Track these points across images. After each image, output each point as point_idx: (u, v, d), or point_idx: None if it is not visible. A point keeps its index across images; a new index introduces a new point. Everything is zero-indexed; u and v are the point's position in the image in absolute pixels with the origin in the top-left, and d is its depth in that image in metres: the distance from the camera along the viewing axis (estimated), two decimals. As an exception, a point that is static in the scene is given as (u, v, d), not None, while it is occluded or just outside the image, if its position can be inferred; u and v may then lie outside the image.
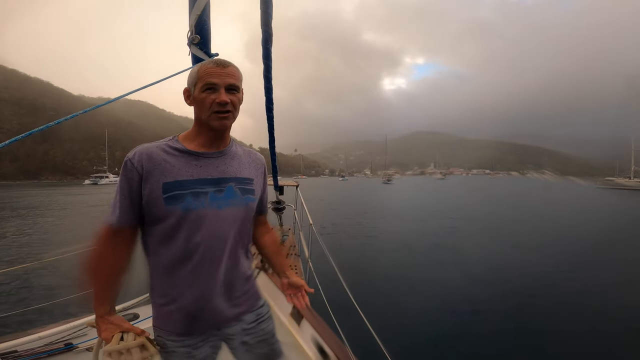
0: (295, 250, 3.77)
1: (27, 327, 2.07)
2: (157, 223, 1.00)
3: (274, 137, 2.68)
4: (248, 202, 1.10)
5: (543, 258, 8.02)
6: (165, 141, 1.05)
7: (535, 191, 41.17)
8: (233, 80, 1.00)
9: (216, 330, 1.12)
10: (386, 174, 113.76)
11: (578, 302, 5.27)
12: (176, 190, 0.97)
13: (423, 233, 11.74)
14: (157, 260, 1.03)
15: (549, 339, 4.06)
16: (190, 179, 0.99)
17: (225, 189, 1.04)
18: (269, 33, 2.00)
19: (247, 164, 1.15)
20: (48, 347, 1.90)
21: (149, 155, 0.98)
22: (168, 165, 0.99)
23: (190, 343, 1.06)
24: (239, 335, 1.15)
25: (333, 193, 37.63)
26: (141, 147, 1.01)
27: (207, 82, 0.98)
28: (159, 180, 0.97)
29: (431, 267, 7.47)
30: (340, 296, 1.98)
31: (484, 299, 5.43)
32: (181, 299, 1.02)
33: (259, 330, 1.19)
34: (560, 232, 12.01)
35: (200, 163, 1.03)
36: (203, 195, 1.00)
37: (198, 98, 1.00)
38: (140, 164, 0.97)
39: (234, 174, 1.08)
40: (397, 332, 4.19)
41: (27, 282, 6.03)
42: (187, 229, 0.98)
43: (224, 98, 0.98)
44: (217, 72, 0.98)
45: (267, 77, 2.23)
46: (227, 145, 1.11)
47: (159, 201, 0.96)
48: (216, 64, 1.00)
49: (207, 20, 1.68)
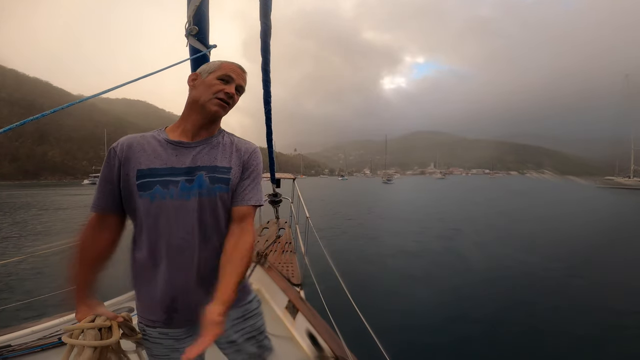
0: (291, 246, 3.79)
1: (21, 321, 2.07)
2: (132, 212, 1.02)
3: (272, 130, 2.69)
4: (217, 191, 1.04)
5: (554, 260, 8.02)
6: (152, 132, 1.09)
7: (538, 191, 41.07)
8: (244, 84, 1.14)
9: (197, 323, 0.97)
10: (386, 173, 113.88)
11: (600, 306, 5.10)
12: (148, 177, 0.99)
13: (422, 233, 11.75)
14: (132, 250, 1.05)
15: (562, 343, 4.04)
16: (163, 167, 1.00)
17: (195, 178, 1.02)
18: (268, 25, 2.00)
19: (229, 153, 1.11)
20: (42, 341, 1.91)
21: (130, 144, 1.03)
22: (144, 154, 1.01)
23: (174, 335, 1.06)
24: (226, 332, 1.11)
25: (333, 193, 37.59)
26: (125, 137, 1.05)
27: (228, 74, 1.08)
28: (134, 167, 0.99)
29: (429, 266, 7.47)
30: (336, 291, 1.98)
31: (492, 301, 5.44)
32: (156, 291, 1.02)
33: (247, 326, 1.16)
34: (574, 232, 11.92)
35: (177, 152, 1.04)
36: (173, 185, 0.99)
37: (209, 82, 1.07)
38: (122, 151, 1.01)
39: (208, 162, 1.05)
40: (391, 327, 4.21)
41: (19, 275, 6.01)
42: (155, 219, 0.99)
43: (232, 90, 1.08)
44: (237, 72, 1.11)
45: (266, 70, 2.23)
46: (211, 135, 1.12)
47: (133, 188, 0.99)
48: (239, 66, 1.13)
49: (206, 11, 1.68)
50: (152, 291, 1.03)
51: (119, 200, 1.03)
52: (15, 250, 8.37)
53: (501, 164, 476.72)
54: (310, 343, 1.93)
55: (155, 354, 1.08)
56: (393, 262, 7.66)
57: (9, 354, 1.77)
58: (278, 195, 4.30)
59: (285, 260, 3.36)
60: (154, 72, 1.34)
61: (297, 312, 2.21)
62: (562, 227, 12.98)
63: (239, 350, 1.15)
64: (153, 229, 1.00)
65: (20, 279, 5.84)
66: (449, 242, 9.85)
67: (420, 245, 9.41)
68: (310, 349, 1.90)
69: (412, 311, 4.86)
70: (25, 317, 3.58)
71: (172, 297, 1.02)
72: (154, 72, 1.33)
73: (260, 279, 2.84)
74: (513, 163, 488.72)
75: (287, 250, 3.69)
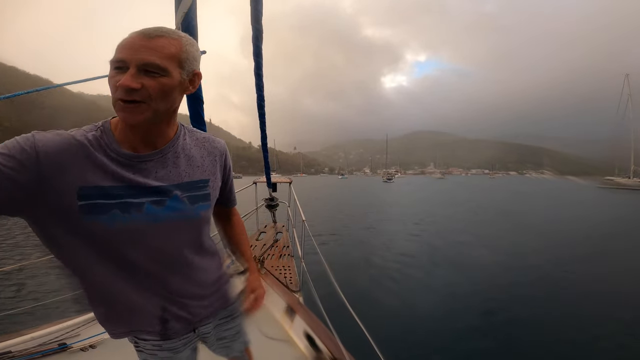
0: (289, 250, 3.78)
1: (21, 327, 2.07)
2: (74, 235, 0.73)
3: (266, 133, 2.69)
4: (200, 211, 0.88)
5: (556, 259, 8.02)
6: (92, 130, 0.77)
7: (538, 192, 41.03)
8: (153, 58, 0.68)
9: (192, 332, 1.03)
10: (387, 172, 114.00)
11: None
12: (97, 199, 0.72)
13: (420, 233, 11.75)
14: (89, 276, 0.81)
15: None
16: (119, 185, 0.75)
17: (169, 199, 0.81)
18: (259, 30, 2.01)
19: (200, 159, 0.91)
20: (42, 347, 1.91)
21: (61, 146, 0.70)
22: (88, 165, 0.72)
23: (169, 347, 0.97)
24: (213, 331, 1.10)
25: (332, 193, 37.60)
26: (54, 132, 0.73)
27: (115, 57, 0.69)
28: (73, 181, 0.70)
29: (426, 268, 7.47)
30: (333, 294, 1.99)
31: (491, 301, 5.43)
32: (137, 314, 0.88)
33: (235, 325, 1.16)
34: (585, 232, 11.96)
35: (132, 166, 0.77)
36: (135, 208, 0.76)
37: (109, 76, 0.71)
38: (45, 152, 0.67)
39: (180, 178, 0.84)
40: (389, 330, 4.23)
41: (19, 281, 5.98)
42: (116, 246, 0.77)
43: (125, 81, 0.66)
44: (129, 44, 0.68)
45: (258, 74, 2.23)
46: (168, 140, 0.83)
47: (70, 209, 0.70)
48: (138, 34, 0.70)
49: (194, 18, 1.67)
50: (131, 313, 0.87)
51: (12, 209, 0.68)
52: (22, 256, 8.32)
53: (501, 164, 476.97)
54: (308, 344, 1.94)
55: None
56: (391, 264, 7.66)
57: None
58: (274, 200, 4.28)
59: (284, 264, 3.35)
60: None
61: (295, 314, 2.22)
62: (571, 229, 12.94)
63: (227, 346, 1.16)
64: (114, 256, 0.78)
65: (20, 286, 5.80)
66: (447, 244, 9.85)
67: (417, 247, 9.41)
68: (308, 350, 1.91)
69: (409, 315, 4.87)
70: (25, 323, 3.57)
71: (157, 315, 0.90)
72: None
73: None
74: (513, 163, 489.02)
75: (284, 254, 3.68)
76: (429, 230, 12.09)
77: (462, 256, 8.28)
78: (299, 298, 2.60)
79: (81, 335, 2.04)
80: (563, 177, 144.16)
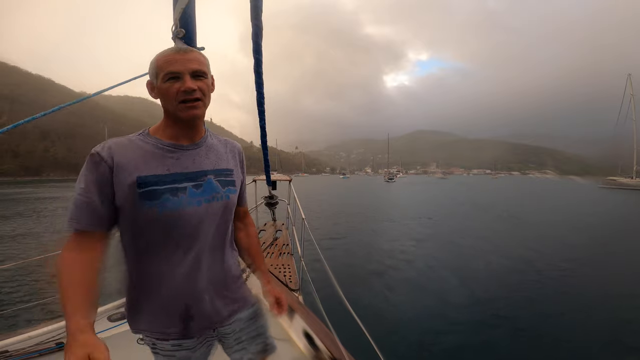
0: (289, 249, 3.76)
1: (18, 327, 2.07)
2: (133, 222, 0.91)
3: (266, 131, 2.65)
4: (229, 194, 1.04)
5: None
6: (136, 135, 0.97)
7: (547, 193, 40.85)
8: (197, 66, 0.91)
9: (212, 331, 1.10)
10: (388, 172, 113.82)
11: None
12: (152, 185, 0.89)
13: (420, 233, 11.72)
14: (136, 262, 0.96)
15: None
16: (166, 173, 0.92)
17: (204, 182, 0.98)
18: (259, 27, 1.97)
19: (225, 154, 1.09)
20: (39, 346, 1.91)
21: (119, 148, 0.90)
22: (141, 159, 0.91)
23: (187, 346, 1.03)
24: (234, 334, 1.13)
25: (334, 193, 37.53)
26: (111, 140, 0.93)
27: (169, 70, 0.89)
28: (132, 174, 0.88)
29: (428, 269, 7.45)
30: (332, 293, 1.97)
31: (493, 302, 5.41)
32: (168, 302, 0.97)
33: (254, 327, 1.17)
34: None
35: (175, 156, 0.95)
36: (182, 191, 0.93)
37: (161, 89, 0.91)
38: (110, 157, 0.88)
39: (212, 165, 1.02)
40: (389, 330, 4.24)
41: (16, 281, 5.97)
42: (166, 229, 0.92)
43: (189, 85, 0.89)
44: (177, 59, 0.89)
45: (258, 72, 2.19)
46: (201, 136, 1.03)
47: (133, 197, 0.88)
48: (176, 50, 0.91)
49: (192, 14, 1.66)
50: (164, 303, 0.97)
51: (107, 213, 0.89)
52: (19, 255, 8.35)
53: (503, 165, 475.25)
54: (307, 343, 1.94)
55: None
56: (391, 264, 7.65)
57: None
58: (274, 198, 4.26)
59: (282, 263, 3.34)
60: (145, 74, 1.38)
61: (294, 314, 2.21)
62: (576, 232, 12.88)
63: (245, 349, 1.15)
64: (163, 239, 0.93)
65: (17, 285, 5.80)
66: (446, 243, 9.83)
67: (418, 248, 9.39)
68: (307, 349, 1.91)
69: (409, 313, 4.86)
70: (22, 322, 3.57)
71: (187, 305, 0.99)
72: (145, 74, 1.38)
73: (257, 283, 2.83)
74: (515, 163, 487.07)
75: (284, 252, 3.66)
76: (431, 231, 12.06)
77: (464, 258, 8.26)
78: (299, 297, 2.59)
79: None
80: (566, 177, 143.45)
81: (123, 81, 1.33)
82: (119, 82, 1.21)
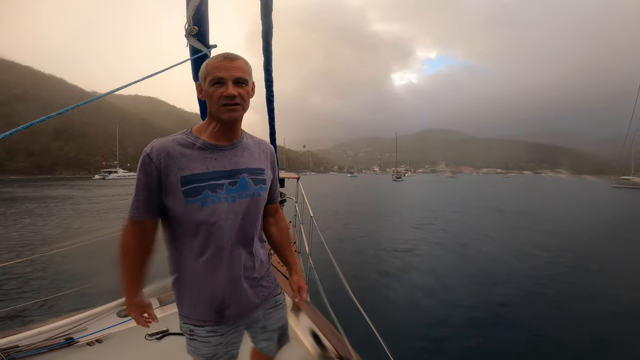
0: (296, 247, 3.76)
1: (28, 322, 2.09)
2: (178, 216, 1.04)
3: (275, 129, 2.67)
4: (260, 191, 1.15)
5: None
6: (180, 134, 1.09)
7: (565, 191, 40.04)
8: (240, 74, 1.03)
9: (245, 317, 1.19)
10: (396, 171, 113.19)
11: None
12: (194, 183, 1.01)
13: (430, 231, 11.64)
14: (180, 252, 1.08)
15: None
16: (206, 171, 1.04)
17: (239, 180, 1.09)
18: (269, 25, 2.00)
19: (258, 154, 1.19)
20: (49, 341, 1.94)
21: (166, 150, 1.02)
22: (184, 159, 1.03)
23: (221, 331, 1.12)
24: (261, 321, 1.24)
25: (343, 192, 37.46)
26: (158, 142, 1.04)
27: (215, 76, 1.01)
28: (177, 173, 1.01)
29: (441, 268, 7.40)
30: (340, 291, 1.97)
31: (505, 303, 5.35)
32: (207, 292, 1.08)
33: (277, 316, 1.28)
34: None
35: (214, 155, 1.07)
36: (219, 188, 1.04)
37: (207, 92, 1.04)
38: (158, 158, 1.00)
39: (246, 164, 1.12)
40: (398, 331, 4.22)
41: (26, 276, 6.03)
42: (206, 222, 1.03)
43: (230, 91, 1.00)
44: (224, 66, 1.01)
45: (268, 69, 2.22)
46: (238, 137, 1.14)
47: (178, 194, 1.01)
48: (224, 57, 1.03)
49: (205, 12, 1.68)
50: (203, 293, 1.08)
51: (156, 206, 1.05)
52: (29, 250, 8.48)
53: (514, 163, 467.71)
54: (314, 342, 1.95)
55: (203, 353, 1.12)
56: (400, 262, 7.61)
57: (16, 355, 1.80)
58: (282, 195, 4.28)
59: None
60: (157, 72, 1.38)
61: (300, 311, 2.21)
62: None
63: (268, 336, 1.27)
64: (203, 233, 1.04)
65: (27, 280, 5.87)
66: (456, 243, 9.74)
67: (429, 246, 9.33)
68: (314, 348, 1.91)
69: (417, 312, 4.82)
70: (33, 317, 3.63)
71: (223, 296, 1.09)
72: (157, 73, 1.38)
73: None
74: (527, 162, 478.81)
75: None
76: (436, 230, 11.97)
77: (479, 257, 8.17)
78: None
79: (88, 329, 2.07)
80: (579, 176, 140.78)
81: (135, 80, 1.35)
82: (130, 82, 1.34)
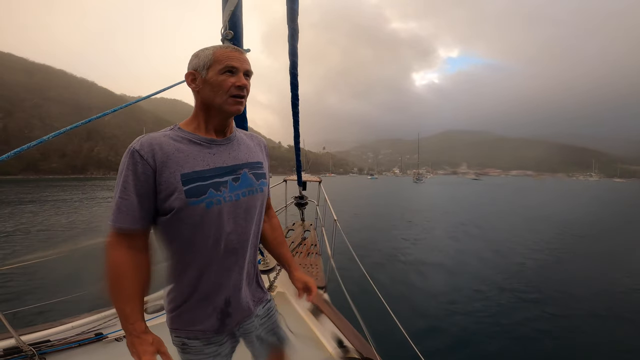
0: (317, 249, 3.78)
1: (60, 317, 2.16)
2: (178, 218, 0.90)
3: (299, 132, 2.69)
4: (263, 187, 1.08)
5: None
6: (169, 130, 0.98)
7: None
8: (249, 67, 0.99)
9: (242, 323, 1.12)
10: (417, 172, 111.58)
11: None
12: (196, 182, 0.91)
13: (460, 233, 11.37)
14: (180, 261, 0.97)
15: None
16: (207, 168, 0.94)
17: (241, 176, 1.01)
18: (295, 29, 2.01)
19: (254, 147, 1.12)
20: (79, 336, 1.99)
21: (159, 145, 0.89)
22: (182, 155, 0.91)
23: (216, 341, 1.05)
24: (255, 330, 1.15)
25: (364, 194, 37.09)
26: (147, 137, 0.91)
27: (228, 64, 0.94)
28: (175, 171, 0.89)
29: (474, 270, 7.20)
30: (364, 293, 1.96)
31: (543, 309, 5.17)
32: (209, 299, 1.00)
33: (270, 322, 1.21)
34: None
35: (212, 151, 0.98)
36: (223, 186, 0.95)
37: (214, 80, 0.94)
38: (151, 154, 0.87)
39: (246, 159, 1.05)
40: (428, 332, 4.12)
41: (58, 272, 6.11)
42: (210, 223, 0.93)
43: (244, 81, 0.96)
44: (236, 57, 0.95)
45: (294, 73, 2.24)
46: (232, 131, 1.07)
47: (179, 194, 0.88)
48: (234, 48, 0.98)
49: (240, 16, 1.72)
50: (204, 298, 1.00)
51: (149, 212, 0.90)
52: (59, 247, 8.67)
53: (545, 165, 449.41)
54: (335, 344, 1.95)
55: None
56: (426, 264, 7.47)
57: (47, 349, 1.85)
58: (304, 198, 4.31)
59: (310, 262, 3.37)
60: (183, 80, 1.40)
61: (321, 313, 2.22)
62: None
63: (264, 344, 1.19)
64: (206, 233, 0.94)
65: (58, 276, 5.94)
66: (484, 242, 9.47)
67: (459, 244, 9.11)
68: (335, 350, 1.91)
69: (451, 314, 4.70)
70: (64, 313, 3.77)
71: (227, 304, 1.03)
72: (182, 81, 1.39)
73: (284, 282, 2.87)
74: (558, 164, 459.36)
75: (312, 252, 3.69)
76: (464, 238, 11.67)
77: (517, 263, 7.92)
78: (324, 294, 2.60)
79: (117, 325, 2.08)
80: (611, 179, 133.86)
81: (169, 85, 1.42)
82: (164, 87, 1.38)
